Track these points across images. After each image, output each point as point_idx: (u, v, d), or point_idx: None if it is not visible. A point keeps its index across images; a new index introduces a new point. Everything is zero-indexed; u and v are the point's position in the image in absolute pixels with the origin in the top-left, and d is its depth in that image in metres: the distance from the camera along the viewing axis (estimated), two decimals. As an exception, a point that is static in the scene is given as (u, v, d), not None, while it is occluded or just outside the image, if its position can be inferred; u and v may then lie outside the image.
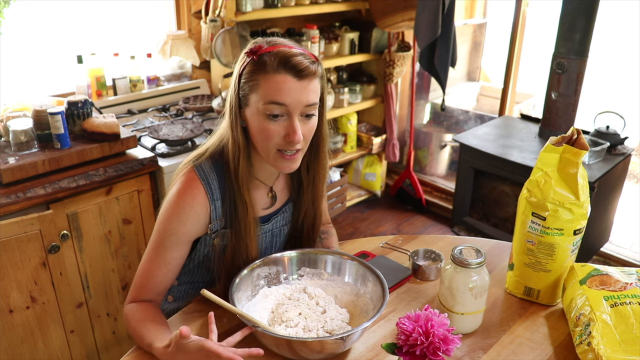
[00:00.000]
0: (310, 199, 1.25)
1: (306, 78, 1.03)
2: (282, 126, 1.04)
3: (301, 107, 1.04)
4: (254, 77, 1.04)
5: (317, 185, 1.24)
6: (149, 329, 1.05)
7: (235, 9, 2.43)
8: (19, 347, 1.73)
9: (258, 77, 1.03)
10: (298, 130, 1.04)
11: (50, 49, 2.35)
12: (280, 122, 1.04)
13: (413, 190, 3.45)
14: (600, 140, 2.57)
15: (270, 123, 1.04)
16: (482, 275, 1.07)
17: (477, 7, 3.71)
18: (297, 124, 1.04)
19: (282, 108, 1.03)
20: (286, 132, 1.04)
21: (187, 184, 1.12)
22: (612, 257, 2.85)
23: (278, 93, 1.01)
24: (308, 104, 1.04)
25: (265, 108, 1.03)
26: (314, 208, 1.27)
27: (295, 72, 1.01)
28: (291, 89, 1.02)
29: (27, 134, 1.74)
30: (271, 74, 1.02)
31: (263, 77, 1.02)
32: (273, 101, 1.02)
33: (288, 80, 1.01)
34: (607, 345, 0.95)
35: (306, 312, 1.08)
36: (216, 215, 1.15)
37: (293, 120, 1.04)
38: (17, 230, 1.62)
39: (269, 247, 1.28)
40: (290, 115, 1.04)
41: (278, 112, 1.03)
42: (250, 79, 1.04)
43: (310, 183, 1.23)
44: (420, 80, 3.69)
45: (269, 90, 1.02)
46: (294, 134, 1.04)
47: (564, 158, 1.13)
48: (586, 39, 2.49)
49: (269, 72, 1.02)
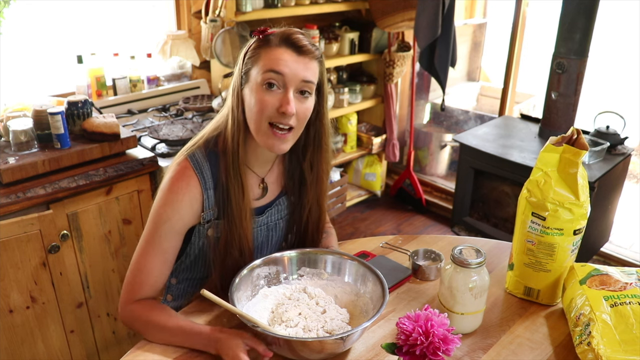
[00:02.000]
0: (315, 197, 1.26)
1: (305, 55, 1.08)
2: (277, 98, 1.07)
3: (297, 81, 1.07)
4: (257, 52, 1.09)
5: (322, 181, 1.25)
6: (166, 317, 1.08)
7: (235, 9, 2.43)
8: (19, 347, 1.73)
9: (260, 51, 1.09)
10: (292, 102, 1.07)
11: (50, 49, 2.35)
12: (276, 93, 1.07)
13: (413, 190, 3.45)
14: (600, 140, 2.57)
15: (266, 94, 1.07)
16: (482, 275, 1.07)
17: (477, 7, 3.71)
18: (292, 97, 1.07)
19: (279, 77, 1.06)
20: (280, 104, 1.07)
21: (180, 172, 1.13)
22: (612, 257, 2.85)
23: (276, 62, 1.06)
24: (305, 79, 1.08)
25: (263, 78, 1.07)
26: (319, 205, 1.27)
27: (295, 48, 1.07)
28: (289, 61, 1.06)
29: (27, 134, 1.74)
30: (273, 48, 1.07)
31: (264, 51, 1.08)
32: (271, 69, 1.06)
33: (288, 53, 1.07)
34: (607, 345, 0.95)
35: (306, 312, 1.08)
36: (209, 204, 1.15)
37: (288, 92, 1.07)
38: (17, 230, 1.62)
39: (265, 242, 1.28)
40: (286, 87, 1.07)
41: (274, 82, 1.06)
42: (253, 54, 1.09)
43: (315, 180, 1.24)
44: (420, 80, 3.69)
45: (269, 60, 1.07)
46: (287, 104, 1.06)
47: (564, 158, 1.13)
48: (586, 39, 2.49)
49: (271, 46, 1.08)
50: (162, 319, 1.08)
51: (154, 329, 1.08)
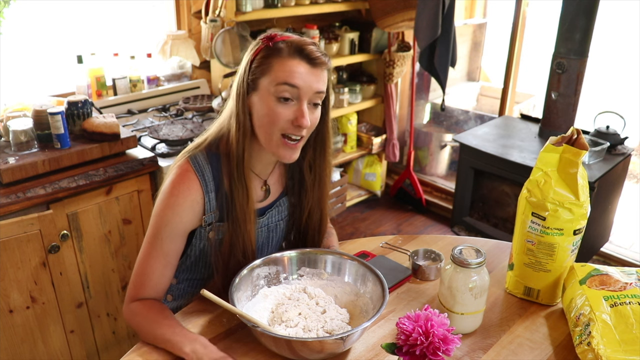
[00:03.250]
0: (316, 199, 1.25)
1: (318, 67, 1.07)
2: (291, 110, 1.07)
3: (311, 93, 1.07)
4: (268, 61, 1.07)
5: (324, 183, 1.25)
6: (164, 324, 1.06)
7: (235, 9, 2.43)
8: (19, 347, 1.73)
9: (272, 61, 1.07)
10: (307, 115, 1.07)
11: (50, 49, 2.35)
12: (290, 106, 1.07)
13: (413, 190, 3.45)
14: (600, 140, 2.57)
15: (280, 106, 1.07)
16: (482, 275, 1.07)
17: (477, 7, 3.71)
18: (306, 109, 1.07)
19: (294, 91, 1.06)
20: (295, 116, 1.07)
21: (181, 175, 1.13)
22: (612, 257, 2.85)
23: (292, 75, 1.05)
24: (318, 90, 1.08)
25: (276, 90, 1.06)
26: (320, 208, 1.27)
27: (309, 60, 1.06)
28: (304, 74, 1.06)
29: (27, 134, 1.74)
30: (286, 58, 1.06)
31: (277, 61, 1.06)
32: (286, 82, 1.05)
33: (302, 65, 1.06)
34: (606, 345, 0.95)
35: (306, 312, 1.08)
36: (210, 207, 1.15)
37: (302, 105, 1.07)
38: (17, 230, 1.62)
39: (266, 243, 1.28)
40: (300, 99, 1.07)
41: (289, 95, 1.06)
42: (263, 63, 1.07)
43: (317, 182, 1.24)
44: (420, 80, 3.69)
45: (283, 72, 1.05)
46: (302, 117, 1.06)
47: (564, 158, 1.13)
48: (586, 39, 2.49)
49: (283, 56, 1.06)
50: (156, 319, 1.08)
51: (146, 328, 1.08)
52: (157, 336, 1.06)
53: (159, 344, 1.06)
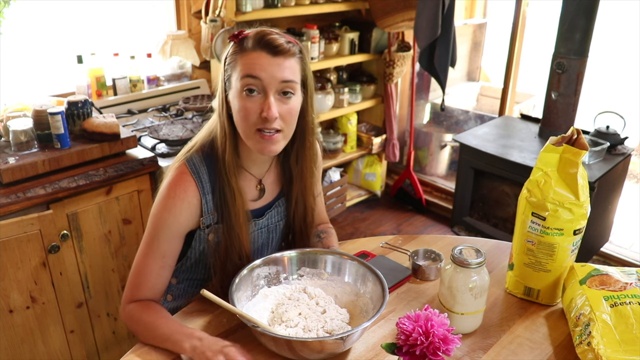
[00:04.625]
0: (299, 191, 1.24)
1: (280, 55, 1.05)
2: (258, 103, 1.06)
3: (276, 83, 1.06)
4: (234, 57, 1.08)
5: (305, 176, 1.23)
6: (162, 324, 1.06)
7: (235, 9, 2.43)
8: (19, 347, 1.73)
9: (237, 57, 1.08)
10: (273, 106, 1.05)
11: (50, 49, 2.35)
12: (256, 99, 1.06)
13: (413, 190, 3.45)
14: (600, 140, 2.57)
15: (247, 100, 1.06)
16: (482, 275, 1.07)
17: (477, 7, 3.71)
18: (272, 100, 1.06)
19: (257, 82, 1.05)
20: (261, 109, 1.06)
21: (178, 177, 1.13)
22: (612, 257, 2.85)
23: (252, 67, 1.05)
24: (283, 79, 1.06)
25: (242, 84, 1.06)
26: (303, 200, 1.26)
27: (269, 49, 1.05)
28: (265, 64, 1.05)
29: (27, 134, 1.74)
30: (248, 52, 1.06)
31: (240, 56, 1.07)
32: (248, 74, 1.05)
33: (263, 56, 1.05)
34: (607, 345, 0.95)
35: (306, 312, 1.08)
36: (208, 209, 1.15)
37: (268, 97, 1.06)
38: (17, 230, 1.62)
39: (266, 244, 1.28)
40: (265, 91, 1.06)
41: (253, 87, 1.05)
42: (232, 60, 1.09)
43: (299, 174, 1.23)
44: (420, 80, 3.69)
45: (245, 65, 1.05)
46: (268, 109, 1.05)
47: (564, 158, 1.13)
48: (586, 39, 2.49)
49: (246, 50, 1.07)
50: (152, 319, 1.08)
51: (144, 329, 1.08)
52: (155, 337, 1.06)
53: (158, 344, 1.06)
